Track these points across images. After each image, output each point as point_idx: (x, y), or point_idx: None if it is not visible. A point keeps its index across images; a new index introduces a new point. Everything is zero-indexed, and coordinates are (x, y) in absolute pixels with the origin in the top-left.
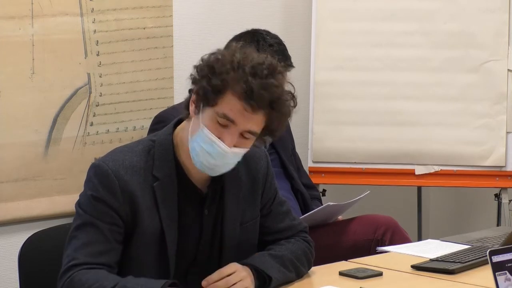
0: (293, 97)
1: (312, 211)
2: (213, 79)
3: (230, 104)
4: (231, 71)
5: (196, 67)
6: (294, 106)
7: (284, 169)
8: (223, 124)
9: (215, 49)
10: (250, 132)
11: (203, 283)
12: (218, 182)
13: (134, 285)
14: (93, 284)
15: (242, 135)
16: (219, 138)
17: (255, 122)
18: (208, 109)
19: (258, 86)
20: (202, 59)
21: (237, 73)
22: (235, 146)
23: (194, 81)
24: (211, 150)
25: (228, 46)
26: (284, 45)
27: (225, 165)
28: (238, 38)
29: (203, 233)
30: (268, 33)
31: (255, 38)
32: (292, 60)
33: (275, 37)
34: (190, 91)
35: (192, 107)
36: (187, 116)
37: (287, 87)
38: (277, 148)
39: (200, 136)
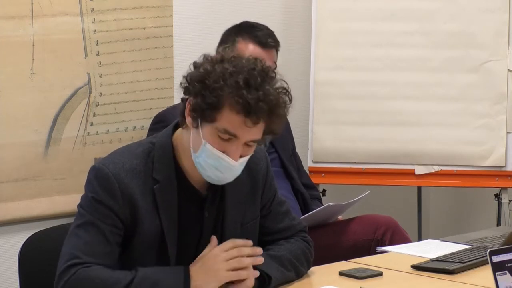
0: (287, 92)
1: (313, 212)
2: (208, 97)
3: (229, 119)
4: (224, 86)
5: (186, 78)
6: (290, 101)
7: (284, 169)
8: (226, 138)
9: (201, 56)
10: (253, 140)
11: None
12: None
13: (153, 275)
14: (109, 279)
15: (245, 144)
16: (223, 152)
17: (257, 131)
18: (208, 125)
19: (255, 99)
20: (192, 68)
21: (231, 87)
22: (240, 156)
23: (186, 92)
24: (217, 165)
25: (217, 49)
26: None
27: (233, 175)
28: (228, 32)
29: (203, 235)
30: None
31: (242, 27)
32: (292, 60)
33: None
34: (182, 100)
35: (188, 119)
36: (184, 122)
37: (281, 84)
38: (277, 148)
39: (204, 152)
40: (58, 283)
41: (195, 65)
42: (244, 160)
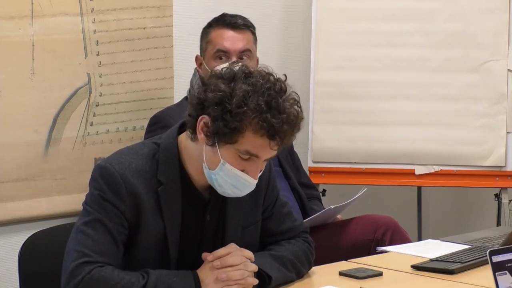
0: (298, 102)
1: (314, 216)
2: (231, 122)
3: (252, 142)
4: (248, 111)
5: (199, 97)
6: (302, 111)
7: (282, 168)
8: (246, 158)
9: (212, 74)
10: (271, 157)
11: (209, 257)
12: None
13: (165, 278)
14: (121, 281)
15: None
16: (242, 170)
17: (277, 149)
18: (227, 146)
19: (279, 122)
20: (200, 84)
21: (254, 111)
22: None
23: (200, 111)
24: (237, 184)
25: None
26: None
27: (249, 191)
28: (208, 25)
29: (204, 238)
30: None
31: (216, 17)
32: (292, 60)
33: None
34: (190, 115)
35: (201, 136)
36: (193, 135)
37: (292, 95)
38: None
39: (223, 171)
40: (71, 280)
41: (204, 82)
42: (260, 174)
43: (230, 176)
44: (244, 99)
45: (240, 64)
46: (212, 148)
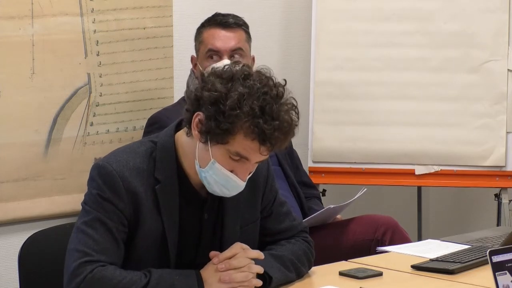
0: (295, 108)
1: (313, 215)
2: (223, 123)
3: (243, 145)
4: (240, 114)
5: (196, 93)
6: (298, 117)
7: (281, 167)
8: (236, 159)
9: (212, 72)
10: (262, 160)
11: (214, 260)
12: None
13: (167, 276)
14: (122, 280)
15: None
16: (232, 171)
17: (268, 153)
18: (218, 145)
19: (270, 129)
20: (200, 81)
21: (246, 114)
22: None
23: (196, 107)
24: (225, 183)
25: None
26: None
27: (237, 192)
28: (201, 25)
29: (202, 237)
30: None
31: (208, 18)
32: (292, 60)
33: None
34: (187, 110)
35: (195, 132)
36: (188, 131)
37: (289, 100)
38: None
39: (212, 170)
40: (73, 280)
41: (203, 79)
42: (250, 176)
43: (219, 175)
44: (238, 101)
45: (241, 64)
46: (204, 146)
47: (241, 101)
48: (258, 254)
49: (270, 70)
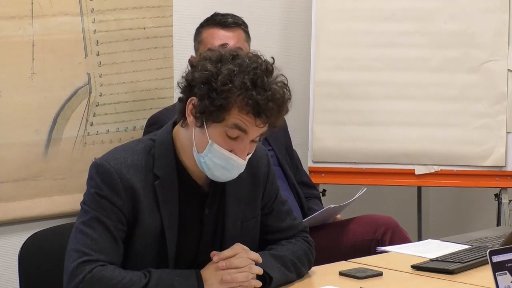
0: (287, 86)
1: (313, 215)
2: (216, 99)
3: (239, 118)
4: (233, 88)
5: (186, 78)
6: (290, 95)
7: (281, 167)
8: (234, 137)
9: (201, 57)
10: (259, 135)
11: (215, 258)
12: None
13: (167, 276)
14: (122, 280)
15: (251, 140)
16: (231, 151)
17: (264, 127)
18: (215, 124)
19: (264, 99)
20: (189, 68)
21: (239, 88)
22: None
23: (187, 92)
24: (225, 164)
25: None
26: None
27: (238, 173)
28: (200, 25)
29: (204, 233)
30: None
31: (207, 18)
32: (292, 60)
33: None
34: (180, 99)
35: (190, 118)
36: (183, 121)
37: (280, 78)
38: (273, 146)
39: (211, 152)
40: (72, 280)
41: (193, 64)
42: (249, 156)
43: (218, 157)
44: (229, 77)
45: (228, 47)
46: (200, 129)
47: (232, 76)
48: (258, 257)
49: (258, 51)
